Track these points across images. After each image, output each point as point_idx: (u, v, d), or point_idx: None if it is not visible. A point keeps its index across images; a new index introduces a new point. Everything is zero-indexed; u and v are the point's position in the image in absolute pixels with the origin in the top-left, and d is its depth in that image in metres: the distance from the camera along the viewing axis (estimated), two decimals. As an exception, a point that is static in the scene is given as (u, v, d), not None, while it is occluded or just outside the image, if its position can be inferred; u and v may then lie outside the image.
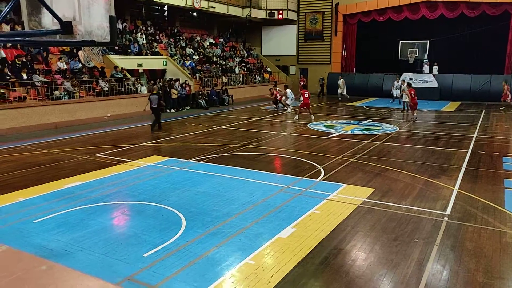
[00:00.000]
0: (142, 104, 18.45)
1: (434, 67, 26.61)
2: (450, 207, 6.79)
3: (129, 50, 20.76)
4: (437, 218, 6.32)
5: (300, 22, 31.23)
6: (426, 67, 26.78)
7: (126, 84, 18.45)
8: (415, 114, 16.67)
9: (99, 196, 7.33)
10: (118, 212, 6.69)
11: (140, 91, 19.05)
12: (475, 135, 13.33)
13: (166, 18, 25.67)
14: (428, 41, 26.73)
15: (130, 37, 21.60)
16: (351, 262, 4.99)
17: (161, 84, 19.42)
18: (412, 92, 16.54)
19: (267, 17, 30.24)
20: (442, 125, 15.88)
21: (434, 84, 25.46)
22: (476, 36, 25.92)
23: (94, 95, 17.01)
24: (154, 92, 14.75)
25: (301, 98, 17.18)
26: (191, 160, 9.92)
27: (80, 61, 18.14)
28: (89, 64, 18.72)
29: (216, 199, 7.14)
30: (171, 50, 23.79)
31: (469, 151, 11.03)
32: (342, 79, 25.71)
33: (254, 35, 33.17)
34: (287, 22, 31.08)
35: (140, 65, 20.95)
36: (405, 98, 18.25)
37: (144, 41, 22.33)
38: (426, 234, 5.72)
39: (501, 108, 20.79)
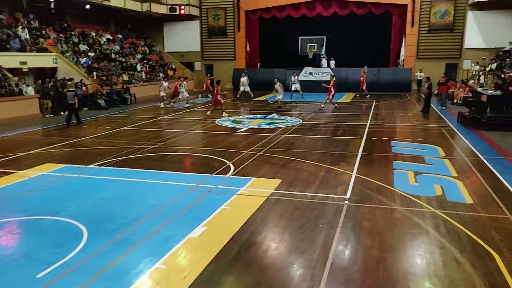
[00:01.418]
0: (28, 106, 16.75)
1: (331, 61, 28.54)
2: (350, 191, 7.33)
3: (9, 46, 18.48)
4: (339, 202, 6.77)
5: (202, 18, 31.02)
6: (324, 62, 28.64)
7: (7, 84, 16.39)
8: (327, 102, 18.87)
9: (-18, 214, 6.46)
10: (3, 232, 5.88)
11: (26, 92, 17.05)
12: (368, 123, 14.58)
13: (53, 11, 23.45)
14: (324, 37, 28.61)
15: (9, 31, 19.23)
16: (262, 254, 5.11)
17: (51, 84, 17.74)
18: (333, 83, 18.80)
19: (168, 12, 29.47)
20: (340, 115, 17.08)
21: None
22: (366, 33, 28.31)
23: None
24: (70, 89, 15.36)
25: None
26: (91, 166, 9.25)
27: None
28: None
29: (121, 205, 6.76)
30: (62, 47, 21.86)
31: (364, 138, 12.03)
32: (246, 76, 24.51)
33: (155, 31, 32.10)
34: (189, 17, 30.64)
35: (24, 63, 18.70)
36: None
37: (28, 36, 20.04)
38: (329, 219, 6.10)
39: (357, 95, 23.55)
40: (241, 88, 23.66)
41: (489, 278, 4.44)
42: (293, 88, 23.45)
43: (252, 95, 23.28)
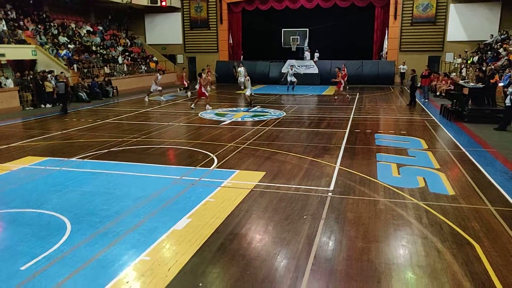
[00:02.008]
0: (7, 99, 16.36)
1: (315, 54, 28.62)
2: (333, 183, 7.39)
3: (-15, 38, 17.96)
4: (323, 194, 6.82)
5: (184, 10, 30.65)
6: (307, 54, 28.69)
7: (-16, 77, 16.01)
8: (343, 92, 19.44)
9: (-40, 209, 6.29)
10: (-15, 224, 5.82)
11: (5, 84, 16.68)
12: (351, 116, 14.71)
13: (31, 2, 22.78)
14: (307, 29, 28.64)
15: (-16, 23, 18.68)
16: (246, 245, 5.12)
17: (31, 77, 17.32)
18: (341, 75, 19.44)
19: (150, 4, 28.99)
20: (323, 108, 17.18)
21: (315, 70, 27.31)
22: (349, 25, 28.46)
23: None
24: (61, 80, 16.49)
25: (197, 87, 17.17)
26: (74, 159, 9.10)
27: None
28: None
29: (104, 198, 6.67)
30: (41, 39, 21.32)
31: (347, 130, 12.13)
32: (243, 67, 24.08)
33: (137, 23, 31.60)
34: (171, 9, 30.24)
35: (2, 55, 18.24)
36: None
37: (5, 28, 19.49)
38: (313, 210, 6.14)
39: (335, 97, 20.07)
40: (241, 79, 22.32)
41: (469, 267, 4.55)
42: (289, 79, 23.32)
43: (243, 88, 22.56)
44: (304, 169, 8.28)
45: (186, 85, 22.24)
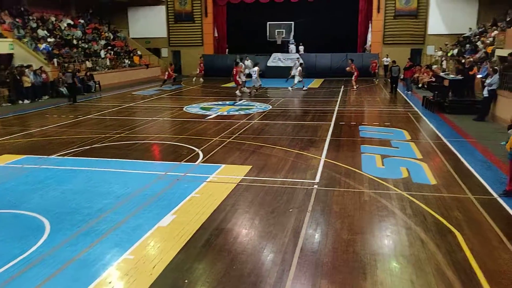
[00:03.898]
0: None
1: (300, 47, 28.55)
2: (319, 175, 7.40)
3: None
4: (308, 187, 6.82)
5: (168, 2, 30.19)
6: (292, 47, 28.58)
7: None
8: (356, 85, 20.32)
9: None
10: (-39, 226, 5.62)
11: (-16, 80, 16.28)
12: (336, 108, 14.75)
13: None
14: (292, 22, 28.52)
15: (-41, 16, 18.06)
16: (232, 240, 5.08)
17: (8, 72, 16.85)
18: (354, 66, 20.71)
19: (133, -3, 28.48)
20: (309, 101, 17.19)
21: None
22: (334, 19, 28.41)
23: None
24: (69, 71, 17.94)
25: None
26: (54, 156, 8.89)
27: None
28: None
29: (86, 196, 6.54)
30: (19, 32, 20.74)
31: (332, 123, 12.16)
32: (249, 60, 23.40)
33: (119, 16, 31.00)
34: (155, 2, 29.78)
35: None
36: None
37: (-20, 21, 18.96)
38: (299, 203, 6.13)
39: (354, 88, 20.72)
40: (254, 76, 19.76)
41: (452, 255, 4.61)
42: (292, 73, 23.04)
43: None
44: (289, 162, 8.26)
45: (171, 77, 23.20)
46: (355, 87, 20.48)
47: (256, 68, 19.63)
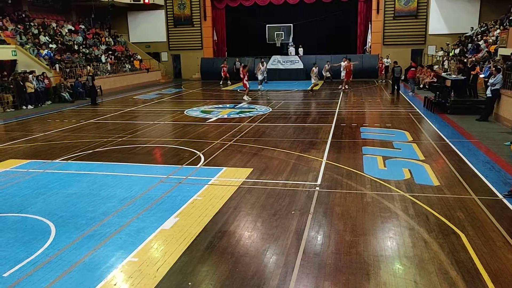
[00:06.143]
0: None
1: (299, 49, 28.62)
2: (320, 177, 7.42)
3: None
4: (310, 189, 6.84)
5: (168, 7, 30.32)
6: (292, 49, 28.65)
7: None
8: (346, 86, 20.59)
9: None
10: (-33, 230, 5.67)
11: (-13, 86, 16.36)
12: (337, 110, 14.77)
13: (10, 1, 22.23)
14: (291, 24, 28.61)
15: (-38, 23, 18.14)
16: (235, 242, 5.10)
17: (11, 78, 16.93)
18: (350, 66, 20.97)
19: (132, 2, 28.57)
20: (309, 103, 17.22)
21: (300, 65, 27.31)
22: (333, 20, 28.50)
23: None
24: (90, 74, 19.11)
25: None
26: (57, 160, 8.94)
27: None
28: None
29: (90, 199, 6.58)
30: (21, 38, 20.86)
31: (333, 125, 12.18)
32: (265, 63, 24.85)
33: (120, 21, 31.14)
34: (154, 7, 29.88)
35: None
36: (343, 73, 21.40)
37: (-17, 28, 19.05)
38: (301, 205, 6.15)
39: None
40: (259, 77, 22.31)
41: (455, 255, 4.62)
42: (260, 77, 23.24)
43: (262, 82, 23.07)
44: (291, 164, 8.28)
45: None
46: (343, 86, 20.78)
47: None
